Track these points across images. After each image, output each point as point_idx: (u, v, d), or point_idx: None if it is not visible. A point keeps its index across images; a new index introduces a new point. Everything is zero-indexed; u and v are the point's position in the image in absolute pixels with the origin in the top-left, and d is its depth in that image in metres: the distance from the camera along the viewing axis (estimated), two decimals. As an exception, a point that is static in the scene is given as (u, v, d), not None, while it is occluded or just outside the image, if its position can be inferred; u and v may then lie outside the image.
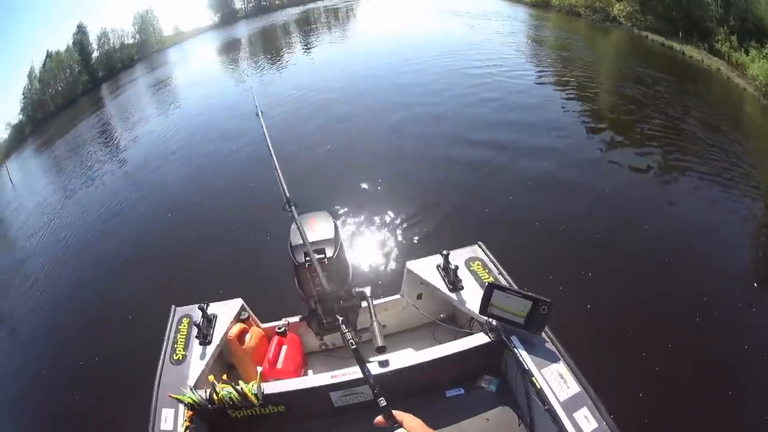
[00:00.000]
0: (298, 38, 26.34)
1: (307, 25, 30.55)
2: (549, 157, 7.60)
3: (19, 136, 24.26)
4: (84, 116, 20.44)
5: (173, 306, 3.07)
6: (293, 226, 2.52)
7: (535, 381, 2.08)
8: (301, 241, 2.33)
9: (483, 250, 2.90)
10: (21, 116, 25.95)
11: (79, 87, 29.23)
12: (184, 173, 9.98)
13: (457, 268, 2.67)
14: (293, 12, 36.04)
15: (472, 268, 2.77)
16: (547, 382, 2.06)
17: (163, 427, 2.42)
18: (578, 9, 18.61)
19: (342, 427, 2.58)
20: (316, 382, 2.47)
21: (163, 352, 2.81)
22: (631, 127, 8.74)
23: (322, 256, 2.34)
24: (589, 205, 6.17)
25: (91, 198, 10.61)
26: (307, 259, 2.31)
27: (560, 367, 2.11)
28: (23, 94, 27.05)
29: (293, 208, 2.37)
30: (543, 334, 2.25)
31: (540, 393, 2.05)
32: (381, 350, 2.31)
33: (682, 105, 9.51)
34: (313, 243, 2.33)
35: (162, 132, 13.64)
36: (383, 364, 2.38)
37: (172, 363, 2.75)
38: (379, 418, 1.19)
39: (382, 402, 1.34)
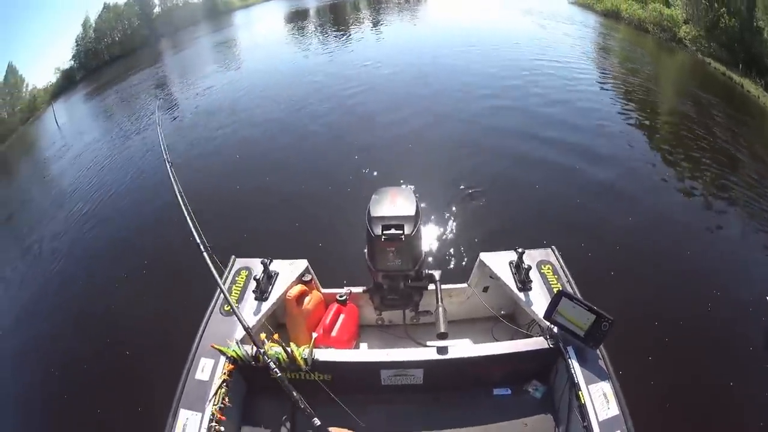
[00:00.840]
0: (367, 15, 25.89)
1: (377, 3, 30.31)
2: (611, 166, 7.45)
3: (69, 81, 24.60)
4: (140, 68, 20.72)
5: (233, 256, 3.03)
6: (375, 195, 2.49)
7: (581, 395, 2.06)
8: (381, 213, 2.32)
9: (555, 255, 2.85)
10: (73, 62, 26.18)
11: (138, 40, 29.54)
12: (251, 132, 10.02)
13: (529, 268, 2.62)
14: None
15: (542, 271, 2.72)
16: (591, 399, 2.05)
17: (198, 376, 2.40)
18: (647, 25, 18.22)
19: (387, 406, 2.52)
20: (370, 357, 2.42)
21: (214, 300, 2.77)
22: (688, 146, 8.56)
23: (400, 232, 2.28)
24: (649, 222, 6.06)
25: (142, 145, 10.75)
26: (385, 232, 2.28)
27: (606, 386, 2.09)
28: (76, 41, 27.21)
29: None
30: (597, 351, 2.22)
31: (582, 408, 2.04)
32: (442, 336, 2.27)
33: (734, 133, 9.26)
34: (392, 217, 2.31)
35: (226, 89, 13.79)
36: (440, 350, 2.32)
37: (221, 313, 2.70)
38: None
39: (317, 422, 1.28)
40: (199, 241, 2.59)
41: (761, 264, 5.46)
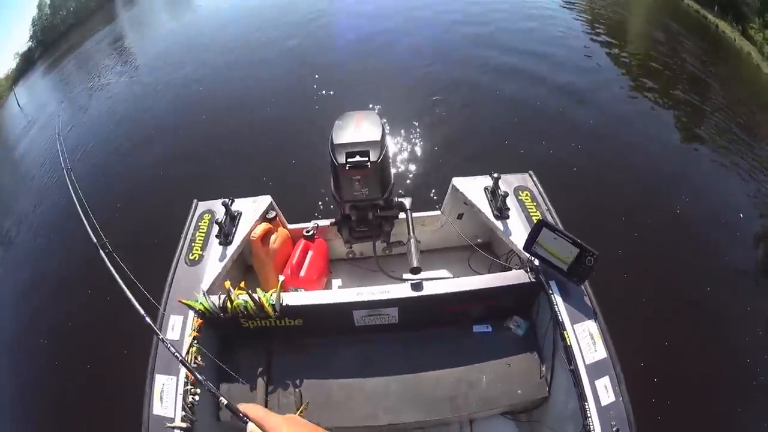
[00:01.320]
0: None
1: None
2: (573, 74, 7.41)
3: (29, 62, 23.56)
4: (96, 32, 19.55)
5: (195, 200, 2.82)
6: (338, 121, 2.29)
7: (566, 336, 1.96)
8: (344, 140, 2.16)
9: (533, 181, 2.71)
10: (30, 43, 24.86)
11: (93, 3, 28.10)
12: (209, 70, 9.55)
13: (506, 195, 2.49)
14: None
15: (520, 198, 2.59)
16: (577, 340, 1.95)
17: (170, 335, 2.25)
18: None
19: (362, 347, 2.43)
20: (341, 298, 2.26)
21: (178, 251, 2.59)
22: (659, 78, 8.38)
23: (365, 159, 2.13)
24: (630, 161, 5.92)
25: (105, 103, 10.07)
26: (349, 160, 2.13)
27: (593, 326, 1.99)
28: (32, 22, 25.56)
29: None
30: (582, 287, 2.10)
31: (568, 350, 1.94)
32: (415, 271, 2.16)
33: (708, 73, 9.13)
34: (356, 144, 2.16)
35: (184, 34, 13.17)
36: (415, 287, 2.19)
37: (187, 263, 2.53)
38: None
39: (224, 401, 1.18)
40: None
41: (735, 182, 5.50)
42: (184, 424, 2.01)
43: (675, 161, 5.95)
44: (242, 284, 2.34)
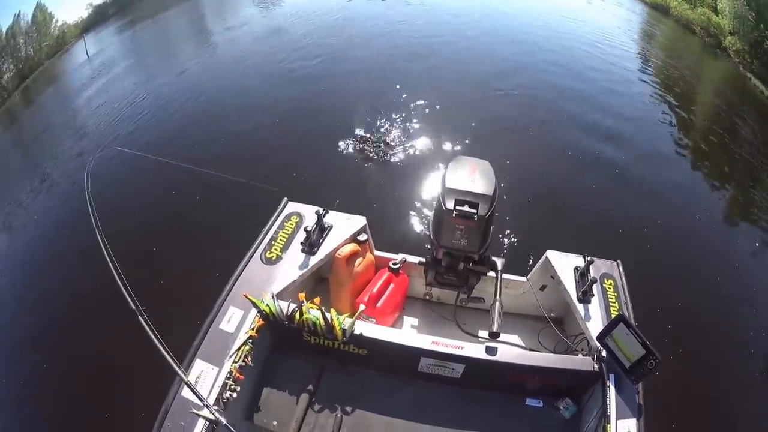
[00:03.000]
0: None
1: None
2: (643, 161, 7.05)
3: (102, 15, 24.17)
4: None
5: (285, 198, 2.76)
6: (452, 164, 2.30)
7: (608, 429, 1.99)
8: (456, 186, 2.17)
9: (619, 271, 2.69)
10: None
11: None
12: (314, 72, 9.19)
13: (594, 281, 2.49)
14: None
15: (605, 286, 2.58)
16: None
17: (222, 326, 2.20)
18: (694, 27, 17.68)
19: (417, 392, 2.37)
20: (414, 342, 2.21)
21: (255, 245, 2.54)
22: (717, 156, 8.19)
23: (474, 211, 2.13)
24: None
25: (182, 80, 10.05)
26: (458, 208, 2.13)
27: (634, 425, 2.02)
28: None
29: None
30: (636, 386, 2.13)
31: None
32: (494, 336, 2.17)
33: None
34: (468, 193, 2.16)
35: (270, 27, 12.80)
36: (488, 350, 2.18)
37: (262, 260, 2.48)
38: None
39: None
40: None
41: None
42: (210, 415, 1.93)
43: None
44: (317, 300, 2.25)
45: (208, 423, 1.94)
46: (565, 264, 2.64)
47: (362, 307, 2.39)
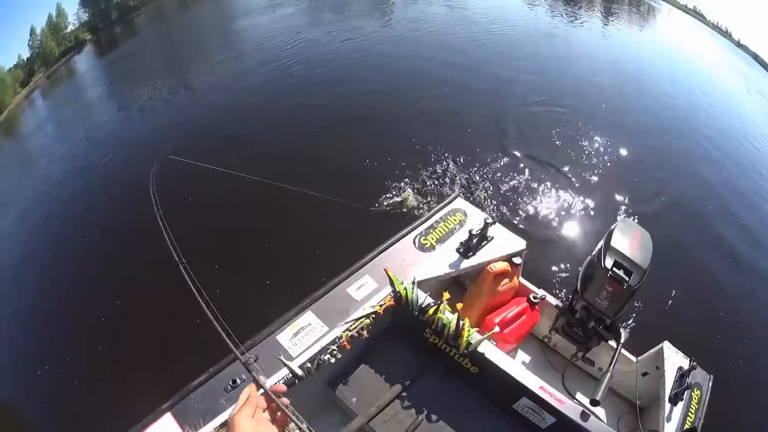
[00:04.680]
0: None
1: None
2: None
3: None
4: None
5: (458, 191, 2.78)
6: (621, 223, 2.38)
7: None
8: (620, 248, 2.24)
9: (709, 386, 2.59)
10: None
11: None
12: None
13: (688, 387, 2.44)
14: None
15: (693, 394, 2.51)
16: None
17: (350, 290, 2.23)
18: None
19: (501, 427, 2.32)
20: (525, 379, 2.16)
21: (413, 226, 2.55)
22: None
23: (627, 278, 2.18)
24: None
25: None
26: (614, 270, 2.18)
27: None
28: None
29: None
30: None
31: None
32: (594, 404, 2.11)
33: None
34: (627, 258, 2.22)
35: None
36: (583, 415, 2.11)
37: (415, 244, 2.48)
38: None
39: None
40: None
41: None
42: (297, 370, 1.97)
43: None
44: (459, 306, 2.23)
45: (290, 375, 1.99)
46: (674, 360, 2.58)
47: (496, 329, 2.38)
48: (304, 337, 2.10)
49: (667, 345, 2.66)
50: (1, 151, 14.63)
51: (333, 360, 2.10)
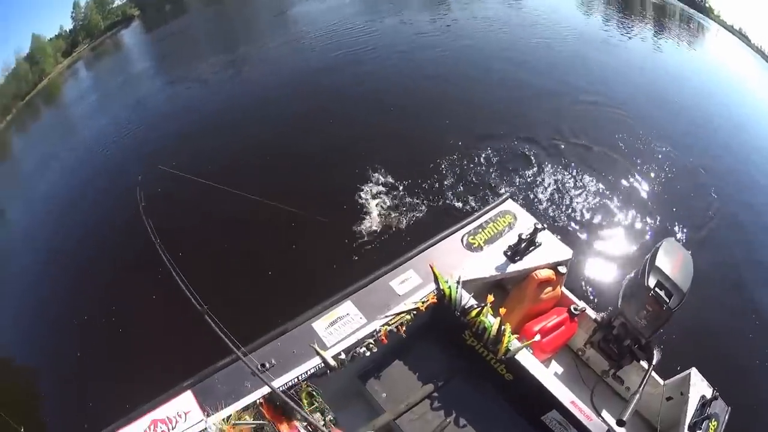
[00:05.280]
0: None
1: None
2: None
3: None
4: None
5: (508, 194, 2.77)
6: (666, 244, 2.35)
7: None
8: (663, 268, 2.22)
9: (725, 418, 2.56)
10: None
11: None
12: None
13: (709, 417, 2.40)
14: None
15: (710, 424, 2.46)
16: None
17: (392, 283, 2.23)
18: None
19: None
20: (557, 392, 2.16)
21: (460, 225, 2.55)
22: None
23: (667, 300, 2.18)
24: None
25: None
26: (657, 290, 2.18)
27: None
28: None
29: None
30: None
31: None
32: (620, 424, 2.08)
33: None
34: (669, 280, 2.21)
35: None
36: None
37: (462, 242, 2.48)
38: None
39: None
40: None
41: None
42: (330, 360, 1.97)
43: None
44: (502, 310, 2.23)
45: (323, 364, 1.99)
46: (699, 388, 2.55)
47: (537, 337, 2.37)
48: (341, 327, 2.11)
49: (694, 372, 2.63)
50: (40, 117, 15.14)
51: (368, 353, 2.10)
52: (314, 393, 1.97)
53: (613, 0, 15.95)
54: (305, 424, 1.87)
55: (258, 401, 1.92)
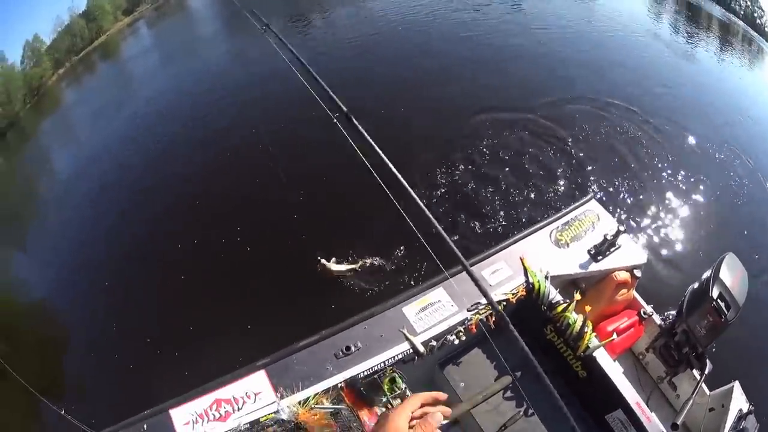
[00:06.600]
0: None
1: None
2: None
3: None
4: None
5: (592, 194, 2.81)
6: (729, 259, 2.42)
7: None
8: (727, 281, 2.31)
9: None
10: None
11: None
12: None
13: (744, 430, 2.44)
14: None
15: None
16: None
17: (483, 272, 2.25)
18: None
19: None
20: (626, 391, 2.19)
21: (547, 221, 2.60)
22: None
23: (726, 312, 2.27)
24: None
25: None
26: (719, 301, 2.26)
27: None
28: None
29: None
30: None
31: None
32: (674, 427, 2.13)
33: None
34: (730, 293, 2.30)
35: None
36: None
37: (550, 238, 2.53)
38: None
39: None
40: None
41: None
42: (419, 346, 2.01)
43: None
44: (588, 308, 2.28)
45: (411, 349, 2.02)
46: (739, 402, 2.59)
47: (614, 336, 2.43)
48: (432, 313, 2.14)
49: (737, 385, 2.66)
50: (95, 70, 15.49)
51: (457, 342, 2.14)
52: (397, 378, 1.99)
53: (681, 11, 15.25)
54: (385, 410, 1.87)
55: (339, 385, 1.91)
